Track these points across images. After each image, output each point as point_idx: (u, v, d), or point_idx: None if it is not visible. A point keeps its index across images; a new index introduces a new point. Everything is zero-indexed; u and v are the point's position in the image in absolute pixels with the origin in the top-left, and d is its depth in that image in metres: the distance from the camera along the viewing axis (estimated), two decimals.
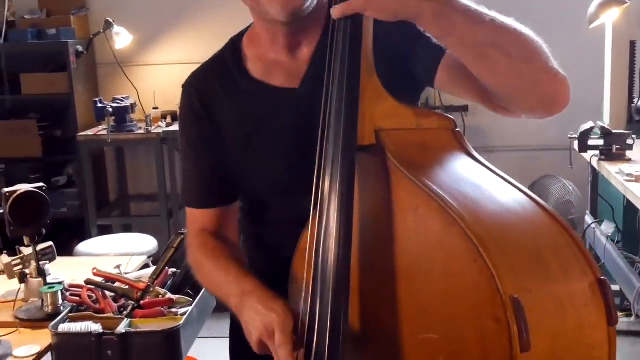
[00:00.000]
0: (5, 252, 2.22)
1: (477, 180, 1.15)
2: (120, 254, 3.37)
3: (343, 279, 1.11)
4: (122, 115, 4.58)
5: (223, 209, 1.45)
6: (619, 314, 3.84)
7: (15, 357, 1.87)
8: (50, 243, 2.23)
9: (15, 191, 2.04)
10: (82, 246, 3.65)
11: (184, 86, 1.46)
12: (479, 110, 5.13)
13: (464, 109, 4.99)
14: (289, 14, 1.27)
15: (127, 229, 5.15)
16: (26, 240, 2.12)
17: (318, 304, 1.12)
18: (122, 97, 4.72)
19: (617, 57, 4.11)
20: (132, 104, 4.67)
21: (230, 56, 1.41)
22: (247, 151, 1.39)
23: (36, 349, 1.90)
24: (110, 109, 4.50)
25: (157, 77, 5.09)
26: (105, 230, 4.90)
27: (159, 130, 4.58)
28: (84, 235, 4.78)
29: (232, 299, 1.28)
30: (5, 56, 4.79)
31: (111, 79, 5.19)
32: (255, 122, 1.38)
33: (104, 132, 4.61)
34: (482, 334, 0.98)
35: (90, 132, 4.69)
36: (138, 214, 5.35)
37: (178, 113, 1.50)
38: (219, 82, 1.41)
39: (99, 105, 4.60)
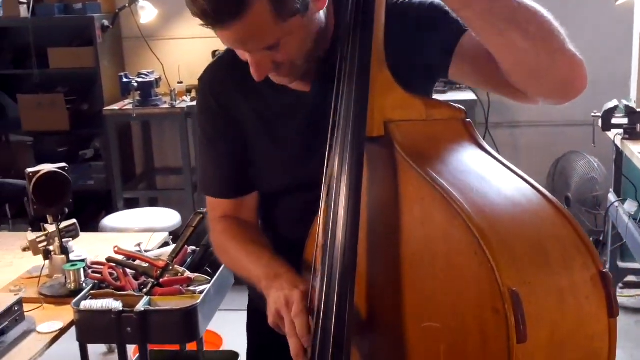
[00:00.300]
0: (30, 229, 2.27)
1: (484, 172, 1.16)
2: (144, 228, 3.44)
3: (350, 262, 1.14)
4: (147, 90, 4.62)
5: (242, 198, 1.49)
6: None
7: (38, 332, 1.93)
8: (74, 221, 2.28)
9: (38, 171, 2.09)
10: (108, 220, 3.72)
11: (199, 80, 1.48)
12: None
13: None
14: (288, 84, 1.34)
15: (152, 201, 5.22)
16: (49, 219, 2.17)
17: (326, 284, 1.15)
18: (147, 72, 4.75)
19: None
20: (156, 79, 4.71)
21: None
22: (258, 150, 1.43)
23: (59, 325, 1.96)
24: (135, 84, 4.54)
25: (182, 51, 5.12)
26: (131, 203, 4.96)
27: (184, 105, 4.61)
28: (111, 208, 4.87)
29: (263, 281, 1.32)
30: (33, 30, 4.84)
31: (137, 53, 5.23)
32: (266, 123, 1.41)
33: (130, 107, 4.65)
34: (482, 325, 1.01)
35: (116, 107, 4.74)
36: (163, 187, 5.41)
37: (196, 105, 1.53)
38: (232, 79, 1.43)
39: (124, 80, 4.64)
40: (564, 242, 1.08)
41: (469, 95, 4.60)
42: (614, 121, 3.32)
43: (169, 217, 3.89)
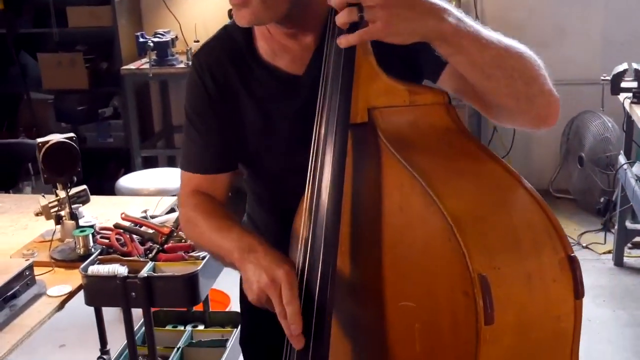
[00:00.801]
0: (43, 195, 2.34)
1: (462, 158, 1.20)
2: (157, 189, 3.51)
3: (333, 232, 1.19)
4: (163, 50, 4.65)
5: (219, 175, 1.51)
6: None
7: (48, 295, 2.01)
8: (84, 186, 2.35)
9: (47, 141, 2.15)
10: (123, 181, 3.78)
11: (195, 57, 1.50)
12: (520, 44, 5.06)
13: None
14: (241, 25, 1.33)
15: (171, 160, 5.29)
16: (59, 187, 2.23)
17: (310, 249, 1.22)
18: (163, 32, 4.78)
19: None
20: (172, 39, 4.74)
21: (241, 33, 1.44)
22: (252, 130, 1.45)
23: (68, 288, 2.04)
24: (152, 44, 4.57)
25: (198, 9, 5.12)
26: (150, 161, 5.04)
27: None
28: (130, 165, 4.97)
29: (236, 253, 1.33)
30: None
31: (154, 11, 5.25)
32: (259, 105, 1.43)
33: (146, 66, 4.69)
34: (453, 307, 1.06)
35: (132, 66, 4.78)
36: (181, 146, 5.46)
37: (187, 80, 1.54)
38: (230, 60, 1.44)
39: (141, 40, 4.68)
40: (536, 227, 1.12)
41: None
42: (624, 85, 3.30)
43: None
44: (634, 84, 3.25)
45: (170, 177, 3.94)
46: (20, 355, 2.64)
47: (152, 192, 3.57)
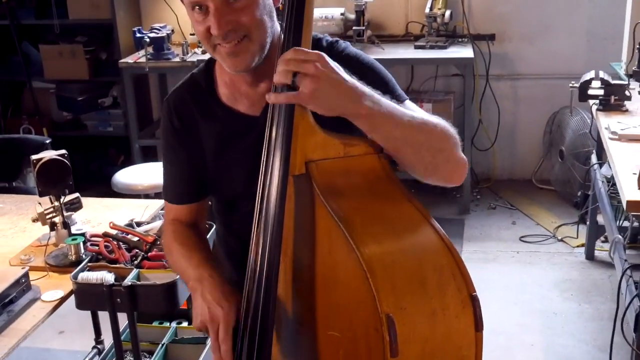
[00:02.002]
0: (39, 202, 2.55)
1: (385, 205, 1.41)
2: (151, 185, 3.72)
3: (272, 282, 1.42)
4: (159, 44, 4.82)
5: (194, 205, 1.74)
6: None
7: (43, 300, 2.22)
8: (77, 194, 2.56)
9: (41, 159, 2.36)
10: (119, 175, 3.96)
11: (165, 101, 1.71)
12: (506, 38, 5.22)
13: (491, 37, 5.09)
14: (237, 72, 1.54)
15: None
16: (52, 199, 2.44)
17: (255, 292, 1.45)
18: (160, 26, 4.94)
19: None
20: (168, 34, 4.91)
21: (204, 80, 1.65)
22: (218, 163, 1.65)
23: (60, 293, 2.24)
24: (148, 39, 4.75)
25: None
26: (149, 151, 5.24)
27: (194, 59, 4.81)
28: (129, 153, 5.18)
29: (190, 282, 1.60)
30: None
31: (152, 4, 5.40)
32: (224, 143, 1.63)
33: (144, 59, 4.86)
34: (367, 339, 1.27)
35: (130, 60, 4.93)
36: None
37: (160, 121, 1.76)
38: (195, 103, 1.65)
39: (138, 35, 4.85)
40: (442, 270, 1.33)
41: (468, 53, 4.74)
42: (591, 92, 3.46)
43: None
44: (601, 92, 3.41)
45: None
46: (23, 341, 2.86)
47: (146, 188, 3.78)
